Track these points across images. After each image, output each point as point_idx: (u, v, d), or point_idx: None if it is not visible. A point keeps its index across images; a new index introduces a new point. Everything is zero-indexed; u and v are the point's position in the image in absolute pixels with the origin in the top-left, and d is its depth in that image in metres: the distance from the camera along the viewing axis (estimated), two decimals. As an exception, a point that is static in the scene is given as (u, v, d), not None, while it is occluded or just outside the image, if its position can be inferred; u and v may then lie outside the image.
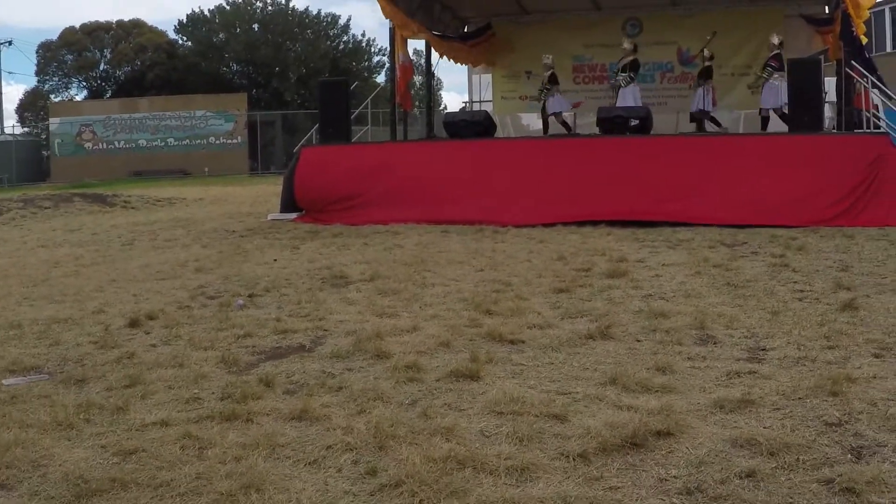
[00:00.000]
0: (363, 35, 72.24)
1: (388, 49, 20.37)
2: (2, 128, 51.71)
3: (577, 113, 21.30)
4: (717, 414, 4.42)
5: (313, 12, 55.75)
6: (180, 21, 55.98)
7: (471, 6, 22.65)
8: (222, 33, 53.93)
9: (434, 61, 23.47)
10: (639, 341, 6.06)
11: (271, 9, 54.34)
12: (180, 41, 55.80)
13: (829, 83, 17.87)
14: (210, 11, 54.78)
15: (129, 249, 12.56)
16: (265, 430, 4.32)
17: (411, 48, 22.26)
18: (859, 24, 16.14)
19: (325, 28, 55.84)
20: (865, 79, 15.27)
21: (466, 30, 23.65)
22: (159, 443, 4.17)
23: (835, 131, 16.21)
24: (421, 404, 4.72)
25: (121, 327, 6.96)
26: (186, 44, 55.30)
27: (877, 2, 17.86)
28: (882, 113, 16.34)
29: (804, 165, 13.52)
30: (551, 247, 11.03)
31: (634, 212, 13.43)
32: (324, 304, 7.64)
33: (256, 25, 53.74)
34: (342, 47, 56.20)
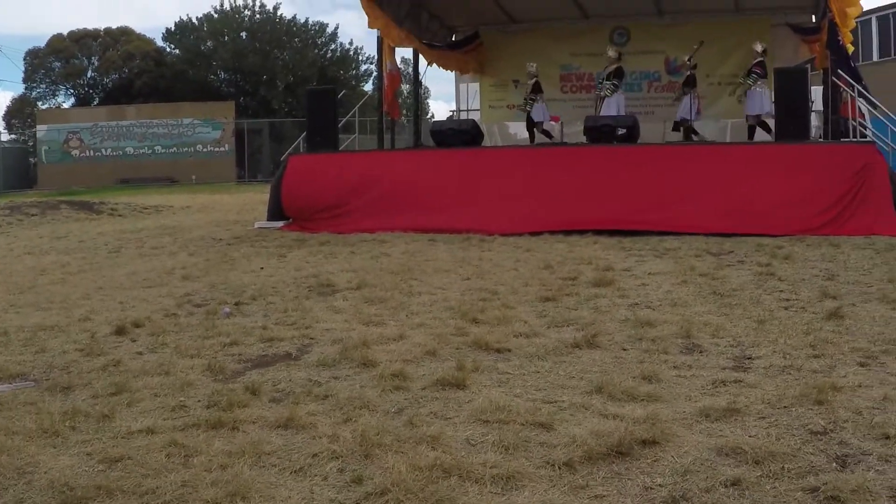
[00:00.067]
0: (351, 43, 72.30)
1: (376, 57, 20.36)
2: (-11, 135, 51.67)
3: (565, 122, 21.34)
4: (703, 422, 4.43)
5: (301, 21, 55.80)
6: (168, 29, 55.94)
7: (458, 15, 22.65)
8: (210, 41, 53.85)
9: (421, 70, 23.54)
10: (625, 350, 6.07)
11: (259, 17, 54.28)
12: (168, 49, 55.75)
13: (816, 92, 18.00)
14: (198, 19, 54.77)
15: (115, 257, 12.52)
16: (251, 438, 4.31)
17: (399, 57, 22.27)
18: (846, 34, 16.26)
19: (313, 36, 55.83)
20: (852, 87, 15.35)
21: (454, 38, 23.68)
22: (145, 450, 4.16)
23: (821, 140, 16.29)
24: (407, 413, 4.72)
25: (107, 335, 6.93)
26: (174, 51, 55.22)
27: (863, 11, 17.92)
28: (868, 122, 16.43)
29: (791, 174, 13.56)
30: (538, 255, 11.04)
31: (621, 221, 13.45)
32: (310, 313, 7.63)
33: (244, 33, 53.66)
34: (330, 56, 56.20)
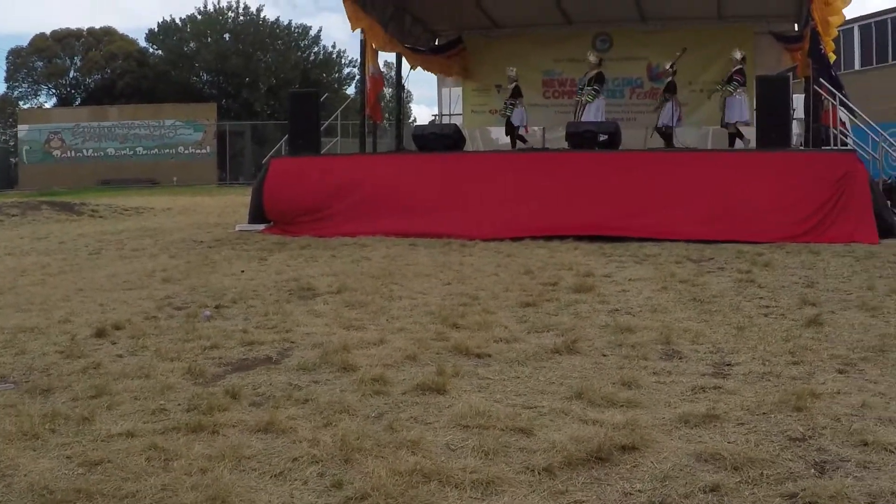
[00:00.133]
0: (334, 46, 71.89)
1: (359, 60, 20.37)
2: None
3: (547, 127, 21.39)
4: (682, 428, 4.44)
5: (284, 23, 55.91)
6: (151, 30, 55.88)
7: (442, 19, 22.68)
8: (193, 42, 53.78)
9: (404, 74, 23.56)
10: (605, 356, 6.08)
11: (242, 19, 54.27)
12: (151, 50, 55.63)
13: (798, 100, 18.11)
14: (181, 20, 54.72)
15: (96, 258, 12.47)
16: (231, 441, 4.30)
17: (382, 60, 22.30)
18: (828, 42, 16.36)
19: (296, 39, 55.86)
20: (833, 96, 15.44)
21: (437, 43, 23.69)
22: (125, 454, 4.14)
23: (802, 148, 16.38)
24: (387, 417, 4.71)
25: (87, 337, 6.90)
26: (157, 52, 55.14)
27: (845, 20, 18.07)
28: (849, 130, 16.54)
29: (773, 182, 13.61)
30: (519, 261, 11.05)
31: (602, 226, 13.47)
32: (291, 316, 7.61)
33: (227, 35, 53.63)
34: (313, 58, 56.25)
